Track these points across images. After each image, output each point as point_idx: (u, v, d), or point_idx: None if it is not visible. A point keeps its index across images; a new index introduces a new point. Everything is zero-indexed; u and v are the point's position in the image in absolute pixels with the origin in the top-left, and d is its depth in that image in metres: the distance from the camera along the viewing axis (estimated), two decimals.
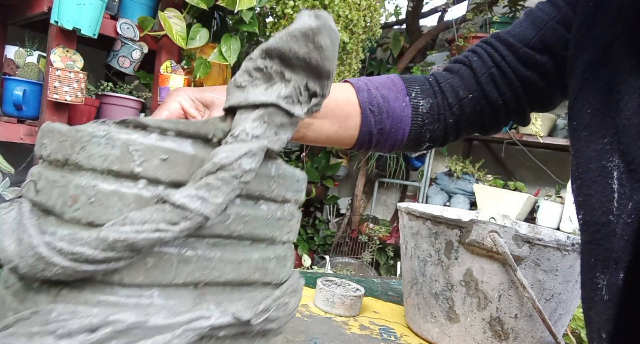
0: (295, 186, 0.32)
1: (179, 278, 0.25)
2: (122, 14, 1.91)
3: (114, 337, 0.22)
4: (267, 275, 0.30)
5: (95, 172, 0.25)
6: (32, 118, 1.76)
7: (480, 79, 0.62)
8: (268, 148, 0.27)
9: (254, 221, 0.29)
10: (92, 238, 0.22)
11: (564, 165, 2.61)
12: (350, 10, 1.99)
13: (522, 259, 0.61)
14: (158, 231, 0.23)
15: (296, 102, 0.28)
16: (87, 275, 0.23)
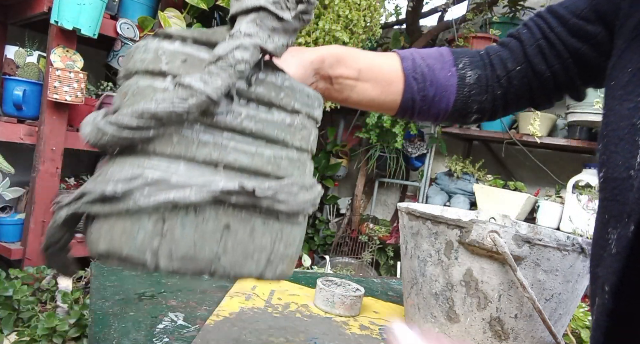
0: (306, 101, 0.37)
1: (199, 156, 0.32)
2: (122, 14, 1.91)
3: (146, 185, 0.30)
4: (279, 171, 0.35)
5: (138, 73, 0.33)
6: (32, 118, 1.76)
7: (527, 51, 0.63)
8: (261, 46, 0.33)
9: (265, 122, 0.34)
10: (129, 111, 0.31)
11: (564, 165, 2.60)
12: (350, 10, 1.99)
13: (522, 259, 0.61)
14: (172, 104, 0.30)
15: (285, 8, 0.33)
16: (128, 141, 0.31)
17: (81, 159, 2.54)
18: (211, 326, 0.65)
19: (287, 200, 0.34)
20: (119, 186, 0.30)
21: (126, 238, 0.31)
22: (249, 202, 0.33)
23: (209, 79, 0.30)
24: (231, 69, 0.31)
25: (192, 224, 0.32)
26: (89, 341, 0.60)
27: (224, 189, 0.31)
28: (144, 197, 0.30)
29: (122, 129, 0.30)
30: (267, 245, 0.35)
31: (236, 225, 0.33)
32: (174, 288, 0.80)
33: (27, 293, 1.48)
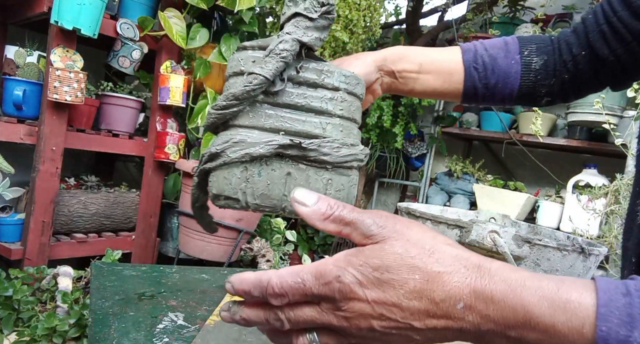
0: (344, 80, 0.47)
1: (266, 125, 0.45)
2: (122, 14, 1.91)
3: (233, 145, 0.44)
4: (325, 133, 0.46)
5: (230, 76, 0.48)
6: (32, 118, 1.76)
7: (590, 37, 0.64)
8: (298, 39, 0.45)
9: (311, 98, 0.46)
10: (220, 96, 0.45)
11: (564, 165, 2.60)
12: (350, 10, 1.99)
13: (522, 259, 0.61)
14: (244, 87, 0.43)
15: (313, 11, 0.46)
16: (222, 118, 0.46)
17: (81, 159, 2.54)
18: (211, 326, 0.65)
19: (330, 152, 0.45)
20: (218, 147, 0.45)
21: (225, 183, 0.45)
22: (300, 154, 0.44)
23: (264, 66, 0.43)
24: (278, 57, 0.43)
25: (265, 171, 0.45)
26: (89, 341, 0.60)
27: (280, 143, 0.44)
28: (232, 152, 0.44)
29: (218, 109, 0.45)
30: (320, 189, 0.46)
31: (295, 173, 0.45)
32: (174, 288, 0.80)
33: (27, 293, 1.48)
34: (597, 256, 0.66)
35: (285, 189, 0.45)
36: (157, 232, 2.15)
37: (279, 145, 0.44)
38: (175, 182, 2.19)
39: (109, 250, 1.75)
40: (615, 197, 1.30)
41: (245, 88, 0.43)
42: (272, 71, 0.43)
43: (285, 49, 0.43)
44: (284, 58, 0.43)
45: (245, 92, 0.43)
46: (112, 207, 2.02)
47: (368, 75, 0.63)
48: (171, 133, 1.99)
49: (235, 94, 0.43)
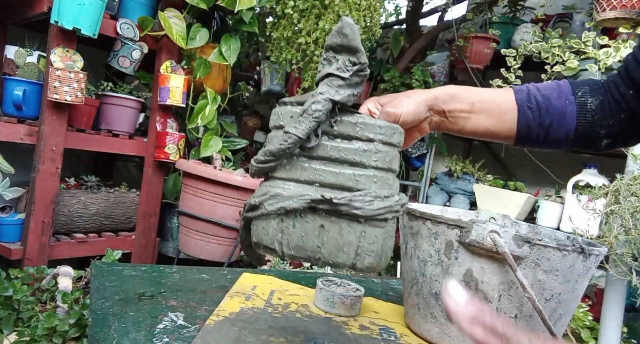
0: (378, 131, 0.48)
1: (301, 177, 0.48)
2: (122, 14, 1.91)
3: (270, 198, 0.47)
4: (358, 185, 0.47)
5: (272, 128, 0.50)
6: (32, 118, 1.76)
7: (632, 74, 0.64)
8: (330, 98, 0.46)
9: (345, 150, 0.47)
10: (260, 152, 0.48)
11: (564, 165, 2.60)
12: (350, 10, 1.99)
13: (522, 259, 0.61)
14: (280, 145, 0.46)
15: (345, 70, 0.47)
16: (262, 170, 0.49)
17: (81, 159, 2.54)
18: (211, 326, 0.65)
19: (362, 206, 0.46)
20: (257, 199, 0.48)
21: (263, 233, 0.49)
22: (332, 208, 0.46)
23: (298, 125, 0.46)
24: (311, 117, 0.46)
25: (299, 224, 0.47)
26: (89, 341, 0.60)
27: (312, 198, 0.46)
28: (269, 205, 0.47)
29: (258, 163, 0.49)
30: (354, 241, 0.47)
31: (328, 225, 0.47)
32: (174, 288, 0.80)
33: (27, 293, 1.47)
34: (597, 256, 0.66)
35: (319, 241, 0.47)
36: (157, 232, 2.15)
37: (311, 200, 0.46)
38: (175, 182, 2.19)
39: (109, 250, 1.75)
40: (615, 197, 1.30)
41: (280, 147, 0.46)
42: (305, 131, 0.46)
43: (318, 109, 0.46)
44: (316, 119, 0.46)
45: (281, 149, 0.46)
46: (112, 207, 2.02)
47: (418, 114, 0.62)
48: (171, 133, 1.99)
49: (272, 151, 0.47)
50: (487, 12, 2.62)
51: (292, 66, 2.13)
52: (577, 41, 2.03)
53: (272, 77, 3.05)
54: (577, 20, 2.36)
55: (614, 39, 2.01)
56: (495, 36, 2.51)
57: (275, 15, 2.09)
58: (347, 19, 0.46)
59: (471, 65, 2.54)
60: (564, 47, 2.07)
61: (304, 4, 1.96)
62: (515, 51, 2.22)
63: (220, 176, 1.78)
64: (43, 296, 1.50)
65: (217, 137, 2.13)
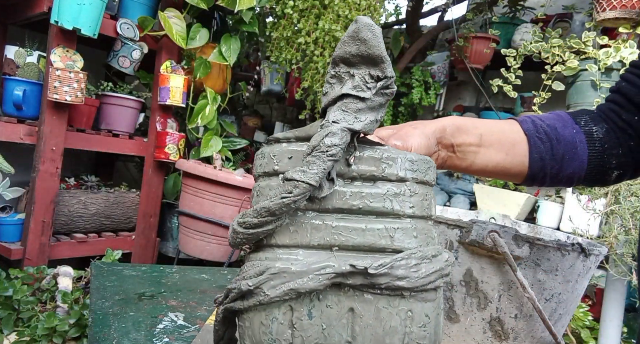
0: (411, 167, 0.37)
1: (314, 241, 0.34)
2: (122, 14, 1.91)
3: (272, 278, 0.33)
4: (395, 243, 0.35)
5: (260, 176, 0.38)
6: (32, 118, 1.76)
7: (634, 100, 0.61)
8: (349, 128, 0.35)
9: (370, 196, 0.35)
10: (250, 211, 0.35)
11: None
12: (350, 10, 1.99)
13: (522, 259, 0.61)
14: (281, 198, 0.33)
15: (365, 88, 0.35)
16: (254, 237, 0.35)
17: (81, 159, 2.54)
18: (211, 326, 0.65)
19: (407, 275, 0.33)
20: (250, 282, 0.34)
21: (263, 331, 0.34)
22: (367, 282, 0.33)
23: (307, 169, 0.33)
24: (324, 155, 0.33)
25: (317, 311, 0.33)
26: (89, 341, 0.60)
27: (337, 271, 0.33)
28: (271, 289, 0.33)
29: (248, 228, 0.35)
30: (398, 327, 0.34)
31: (360, 307, 0.34)
32: (174, 288, 0.80)
33: (27, 293, 1.47)
34: (597, 256, 0.66)
35: (349, 333, 0.34)
36: (157, 232, 2.15)
37: (335, 273, 0.33)
38: (175, 182, 2.19)
39: (109, 250, 1.75)
40: (615, 197, 1.30)
41: (283, 201, 0.33)
42: (318, 176, 0.33)
43: (334, 145, 0.33)
44: (332, 157, 0.33)
45: (284, 205, 0.33)
46: (112, 207, 2.02)
47: (429, 148, 0.55)
48: (171, 133, 1.99)
49: (271, 209, 0.33)
50: (487, 12, 2.62)
51: (292, 66, 2.13)
52: (577, 41, 2.02)
53: (272, 77, 3.05)
54: (577, 20, 2.36)
55: (614, 39, 2.01)
56: (495, 36, 2.51)
57: (275, 15, 2.09)
58: (365, 19, 0.34)
59: (471, 65, 2.54)
60: (564, 47, 2.07)
61: (303, 4, 1.96)
62: (515, 51, 2.22)
63: (220, 176, 1.78)
64: (43, 296, 1.50)
65: (217, 137, 2.13)
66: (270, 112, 4.03)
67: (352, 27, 0.35)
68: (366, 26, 0.34)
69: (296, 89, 2.30)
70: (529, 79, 2.36)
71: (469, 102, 3.04)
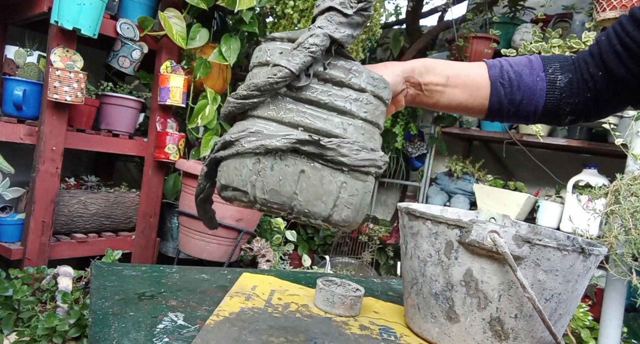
0: (372, 82, 0.46)
1: (285, 119, 0.44)
2: (122, 14, 1.91)
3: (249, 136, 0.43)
4: (346, 134, 0.45)
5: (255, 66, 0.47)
6: (32, 118, 1.76)
7: (604, 57, 0.65)
8: (329, 34, 0.43)
9: (335, 96, 0.44)
10: (242, 86, 0.44)
11: (564, 165, 2.60)
12: None
13: (522, 259, 0.61)
14: (267, 78, 0.42)
15: (349, 7, 0.44)
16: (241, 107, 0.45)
17: (81, 159, 2.54)
18: (211, 326, 0.65)
19: (348, 154, 0.43)
20: (233, 136, 0.44)
21: (236, 173, 0.44)
22: (317, 152, 0.43)
23: (291, 58, 0.42)
24: (306, 51, 0.42)
25: (278, 166, 0.43)
26: (89, 341, 0.60)
27: (298, 138, 0.42)
28: (247, 142, 0.43)
29: (238, 98, 0.44)
30: (334, 191, 0.44)
31: (309, 171, 0.43)
32: (174, 288, 0.80)
33: (27, 293, 1.48)
34: (597, 256, 0.66)
35: (297, 187, 0.43)
36: (157, 232, 2.15)
37: (297, 140, 0.42)
38: (175, 182, 2.19)
39: (109, 250, 1.75)
40: (615, 197, 1.30)
41: (268, 80, 0.42)
42: (298, 65, 0.42)
43: (315, 44, 0.42)
44: (312, 53, 0.42)
45: (269, 83, 0.42)
46: (112, 207, 2.02)
47: (395, 85, 0.62)
48: (171, 133, 1.99)
49: (258, 85, 0.42)
50: (487, 12, 2.62)
51: None
52: (577, 41, 2.03)
53: None
54: (577, 20, 2.36)
55: None
56: (495, 36, 2.51)
57: (275, 15, 2.09)
58: None
59: None
60: (564, 47, 2.07)
61: (304, 4, 1.96)
62: (516, 51, 2.22)
63: None
64: (43, 296, 1.50)
65: (217, 137, 2.14)
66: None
67: None
68: None
69: None
70: None
71: None
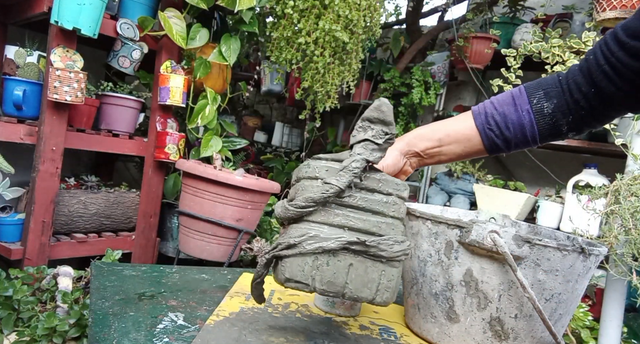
0: (395, 187, 0.57)
1: (334, 222, 0.55)
2: (122, 14, 1.91)
3: (308, 238, 0.54)
4: (380, 231, 0.56)
5: (304, 178, 0.57)
6: (32, 118, 1.76)
7: (594, 77, 0.67)
8: (366, 159, 0.55)
9: (370, 201, 0.56)
10: (301, 198, 0.54)
11: (564, 165, 2.60)
12: (350, 10, 1.99)
13: (522, 259, 0.61)
14: (321, 193, 0.54)
15: (378, 138, 0.56)
16: (300, 214, 0.55)
17: (81, 159, 2.54)
18: (211, 326, 0.65)
19: (386, 249, 0.55)
20: (296, 239, 0.54)
21: (298, 269, 0.54)
22: (363, 249, 0.54)
23: (339, 178, 0.54)
24: (350, 172, 0.54)
25: (332, 262, 0.54)
26: (89, 341, 0.60)
27: (348, 240, 0.54)
28: (308, 245, 0.54)
29: (297, 208, 0.55)
30: (376, 279, 0.56)
31: (356, 264, 0.55)
32: (174, 288, 0.80)
33: (27, 293, 1.47)
34: (597, 256, 0.66)
35: (348, 278, 0.55)
36: (157, 232, 2.15)
37: (347, 241, 0.53)
38: (175, 182, 2.19)
39: (109, 250, 1.75)
40: (615, 197, 1.30)
41: (322, 195, 0.54)
42: (345, 183, 0.54)
43: (357, 167, 0.54)
44: (355, 174, 0.54)
45: (323, 198, 0.54)
46: (112, 207, 2.02)
47: (397, 164, 0.73)
48: (171, 133, 1.99)
49: (314, 199, 0.54)
50: (487, 12, 2.62)
51: (292, 66, 2.13)
52: (577, 41, 2.03)
53: (272, 77, 3.05)
54: (577, 20, 2.36)
55: None
56: (496, 36, 2.51)
57: (275, 15, 2.09)
58: (384, 100, 0.57)
59: (471, 65, 2.54)
60: (564, 47, 2.07)
61: (304, 3, 1.96)
62: (516, 51, 2.22)
63: (220, 176, 1.78)
64: (43, 296, 1.50)
65: (217, 137, 2.13)
66: (270, 112, 4.03)
67: (376, 103, 0.57)
68: (385, 104, 0.56)
69: (296, 89, 2.30)
70: (529, 79, 2.35)
71: (469, 102, 3.05)
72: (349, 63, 2.16)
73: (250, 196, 1.85)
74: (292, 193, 0.59)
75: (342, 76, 2.17)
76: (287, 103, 3.46)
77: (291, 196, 0.59)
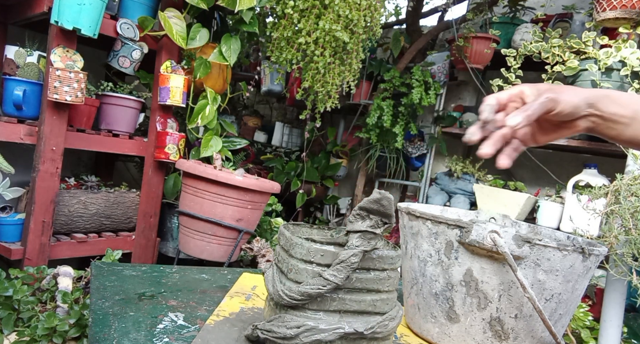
0: (389, 262, 0.58)
1: (331, 307, 0.56)
2: (122, 14, 1.91)
3: (305, 331, 0.54)
4: (376, 309, 0.57)
5: (296, 258, 0.57)
6: (32, 118, 1.76)
7: None
8: (364, 249, 0.54)
9: (366, 280, 0.57)
10: (296, 290, 0.55)
11: (564, 165, 2.60)
12: (351, 10, 1.99)
13: (522, 259, 0.61)
14: (317, 289, 0.54)
15: (377, 227, 0.55)
16: (296, 304, 0.55)
17: (81, 159, 2.54)
18: (211, 326, 0.65)
19: (381, 331, 0.57)
20: (292, 331, 0.54)
21: None
22: (359, 336, 0.56)
23: (337, 274, 0.54)
24: (349, 267, 0.54)
25: None
26: (89, 341, 0.60)
27: (345, 331, 0.54)
28: (304, 337, 0.54)
29: (292, 300, 0.55)
30: None
31: None
32: (174, 288, 0.80)
33: (27, 293, 1.47)
34: (597, 256, 0.66)
35: None
36: (157, 232, 2.15)
37: (345, 333, 0.55)
38: (175, 182, 2.19)
39: (109, 250, 1.75)
40: (615, 197, 1.30)
41: (319, 291, 0.54)
42: (343, 279, 0.54)
43: (355, 261, 0.54)
44: (353, 268, 0.54)
45: (319, 294, 0.54)
46: (112, 207, 2.02)
47: (578, 108, 0.61)
48: (171, 133, 1.99)
49: (311, 294, 0.54)
50: (487, 12, 2.62)
51: (292, 66, 2.13)
52: (577, 41, 2.03)
53: (272, 77, 3.05)
54: (577, 20, 2.36)
55: (614, 39, 2.01)
56: (496, 36, 2.51)
57: (275, 15, 2.09)
58: (386, 194, 0.56)
59: (471, 65, 2.54)
60: (564, 47, 2.07)
61: (304, 4, 1.96)
62: (516, 51, 2.22)
63: (220, 176, 1.78)
64: (43, 296, 1.50)
65: (217, 137, 2.13)
66: (270, 112, 4.03)
67: (376, 196, 0.55)
68: (386, 198, 0.55)
69: (296, 89, 2.30)
70: (529, 79, 2.36)
71: (469, 102, 3.05)
72: (349, 63, 2.16)
73: (250, 196, 1.85)
74: (283, 266, 0.59)
75: (342, 76, 2.17)
76: (287, 103, 3.46)
77: (281, 267, 0.59)
